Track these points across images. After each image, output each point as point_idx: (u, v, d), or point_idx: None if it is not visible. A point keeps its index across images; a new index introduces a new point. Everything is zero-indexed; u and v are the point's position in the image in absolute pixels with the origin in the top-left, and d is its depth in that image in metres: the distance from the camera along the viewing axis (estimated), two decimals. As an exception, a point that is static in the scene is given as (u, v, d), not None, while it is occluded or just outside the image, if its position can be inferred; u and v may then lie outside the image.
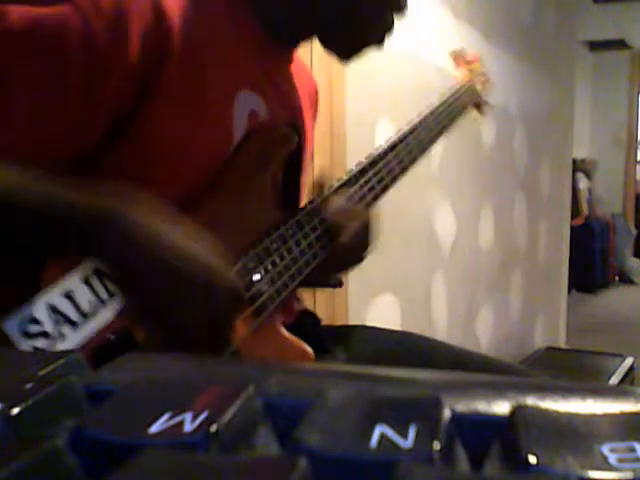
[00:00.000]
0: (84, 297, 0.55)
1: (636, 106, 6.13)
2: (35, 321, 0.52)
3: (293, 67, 0.83)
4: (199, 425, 0.16)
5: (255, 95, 0.72)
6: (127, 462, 0.14)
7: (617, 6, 4.72)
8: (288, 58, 0.81)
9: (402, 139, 0.88)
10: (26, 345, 0.51)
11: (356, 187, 0.81)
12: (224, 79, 0.68)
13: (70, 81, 0.56)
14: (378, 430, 0.16)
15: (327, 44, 0.78)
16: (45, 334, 0.52)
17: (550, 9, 2.99)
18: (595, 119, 6.18)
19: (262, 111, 0.72)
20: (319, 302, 1.55)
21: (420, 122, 0.92)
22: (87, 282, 0.55)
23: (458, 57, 1.09)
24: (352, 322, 1.61)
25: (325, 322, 0.98)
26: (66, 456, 0.16)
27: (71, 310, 0.54)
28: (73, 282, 0.54)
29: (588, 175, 5.60)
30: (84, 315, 0.55)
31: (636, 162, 6.25)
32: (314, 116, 0.92)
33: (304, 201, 0.78)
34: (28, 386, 0.18)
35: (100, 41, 0.57)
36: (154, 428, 0.16)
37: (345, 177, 0.81)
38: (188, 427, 0.16)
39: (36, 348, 0.52)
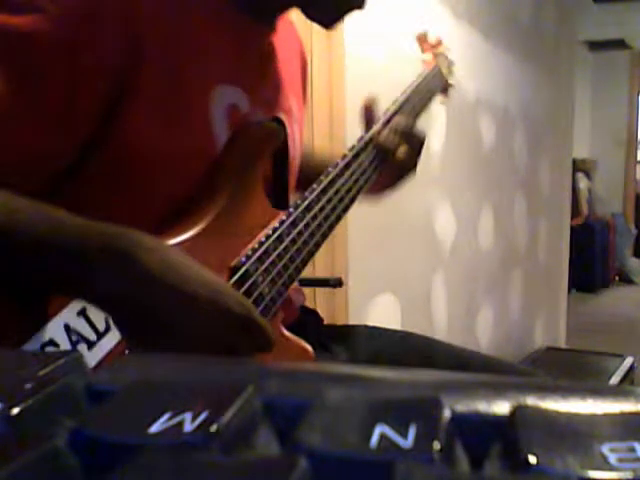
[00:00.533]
0: (99, 315, 0.54)
1: (636, 106, 6.13)
2: (53, 343, 0.52)
3: (278, 27, 0.81)
4: (199, 425, 0.16)
5: (234, 88, 0.71)
6: (127, 462, 0.14)
7: (617, 6, 4.72)
8: (269, 32, 0.79)
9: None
10: None
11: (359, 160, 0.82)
12: (198, 76, 0.67)
13: (45, 89, 0.56)
14: (378, 430, 0.16)
15: (309, 13, 0.76)
16: None
17: (550, 9, 2.99)
18: (595, 119, 6.18)
19: (244, 103, 0.72)
20: (319, 302, 1.55)
21: (399, 107, 0.94)
22: None
23: (423, 41, 1.09)
24: (352, 322, 1.61)
25: (325, 322, 0.98)
26: (66, 456, 0.16)
27: (87, 329, 0.54)
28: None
29: (588, 175, 5.60)
30: (99, 333, 0.54)
31: (636, 162, 6.25)
32: (305, 77, 0.92)
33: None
34: (28, 386, 0.18)
35: (73, 47, 0.57)
36: (154, 428, 0.16)
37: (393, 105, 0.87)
38: (188, 427, 0.16)
39: None
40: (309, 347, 0.73)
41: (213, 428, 0.16)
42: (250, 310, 0.55)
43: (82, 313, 0.54)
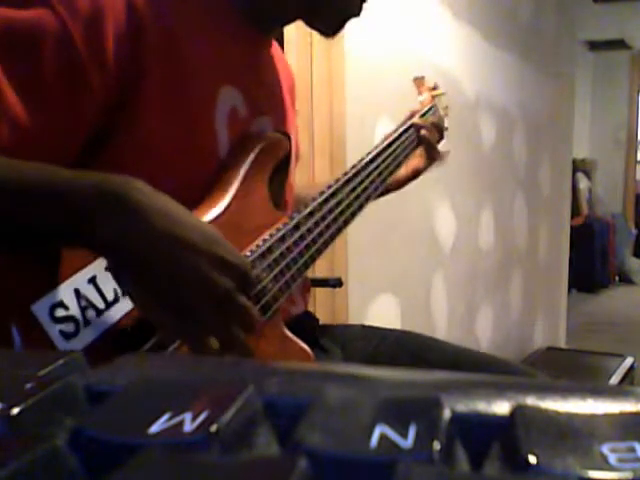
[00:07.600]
0: (108, 285, 0.56)
1: (636, 106, 6.12)
2: (62, 305, 0.53)
3: (273, 54, 0.85)
4: (199, 425, 0.16)
5: (235, 90, 0.73)
6: (127, 462, 0.14)
7: (617, 6, 4.72)
8: (268, 44, 0.82)
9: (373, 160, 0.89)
10: (53, 329, 0.53)
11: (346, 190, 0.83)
12: (205, 75, 0.69)
13: (49, 83, 0.57)
14: (378, 430, 0.16)
15: (312, 23, 0.80)
16: (72, 318, 0.54)
17: (550, 9, 2.99)
18: (595, 119, 6.17)
19: (241, 108, 0.74)
20: (319, 302, 1.55)
21: (393, 141, 0.96)
22: None
23: (420, 84, 1.13)
24: (352, 322, 1.61)
25: (325, 322, 0.98)
26: (66, 456, 0.16)
27: (96, 297, 0.55)
28: (98, 270, 0.56)
29: (588, 175, 5.59)
30: (108, 303, 0.56)
31: (636, 162, 6.25)
32: (293, 104, 0.95)
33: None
34: (28, 386, 0.18)
35: (77, 43, 0.57)
36: (154, 428, 0.16)
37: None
38: (188, 427, 0.16)
39: (63, 332, 0.53)
40: (309, 349, 0.73)
41: (213, 428, 0.16)
42: (242, 259, 0.56)
43: (92, 281, 0.55)
